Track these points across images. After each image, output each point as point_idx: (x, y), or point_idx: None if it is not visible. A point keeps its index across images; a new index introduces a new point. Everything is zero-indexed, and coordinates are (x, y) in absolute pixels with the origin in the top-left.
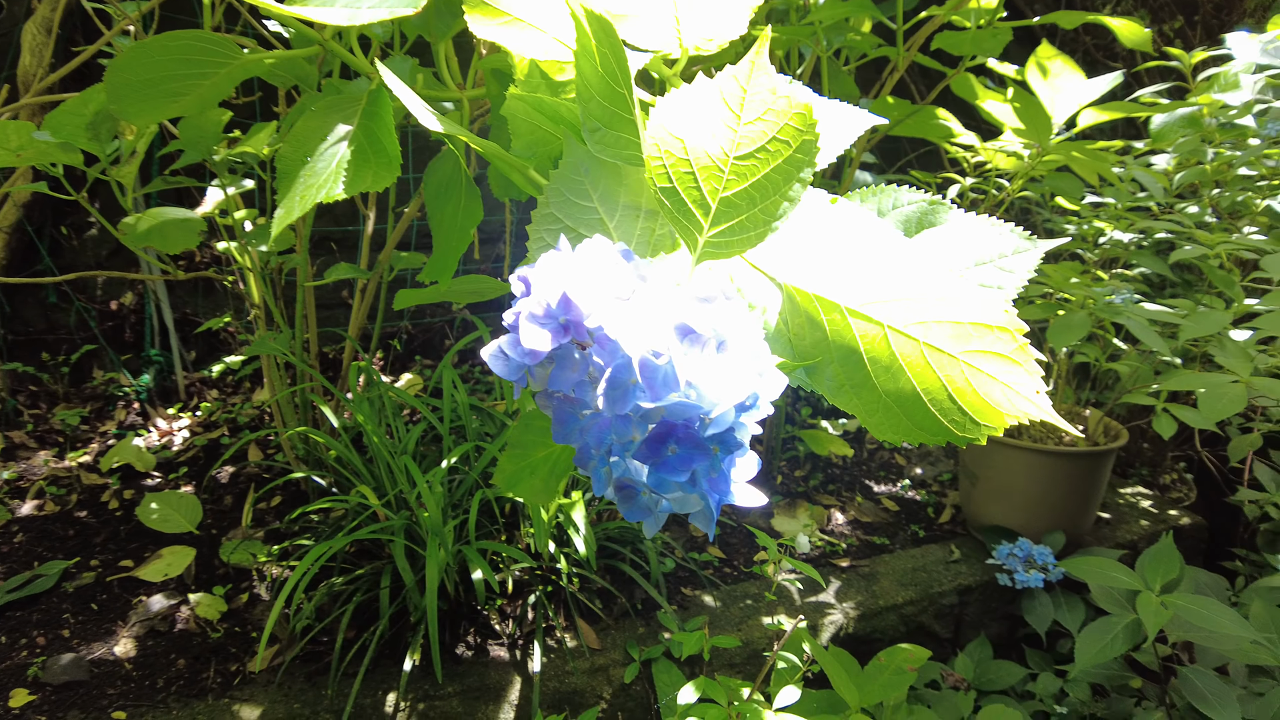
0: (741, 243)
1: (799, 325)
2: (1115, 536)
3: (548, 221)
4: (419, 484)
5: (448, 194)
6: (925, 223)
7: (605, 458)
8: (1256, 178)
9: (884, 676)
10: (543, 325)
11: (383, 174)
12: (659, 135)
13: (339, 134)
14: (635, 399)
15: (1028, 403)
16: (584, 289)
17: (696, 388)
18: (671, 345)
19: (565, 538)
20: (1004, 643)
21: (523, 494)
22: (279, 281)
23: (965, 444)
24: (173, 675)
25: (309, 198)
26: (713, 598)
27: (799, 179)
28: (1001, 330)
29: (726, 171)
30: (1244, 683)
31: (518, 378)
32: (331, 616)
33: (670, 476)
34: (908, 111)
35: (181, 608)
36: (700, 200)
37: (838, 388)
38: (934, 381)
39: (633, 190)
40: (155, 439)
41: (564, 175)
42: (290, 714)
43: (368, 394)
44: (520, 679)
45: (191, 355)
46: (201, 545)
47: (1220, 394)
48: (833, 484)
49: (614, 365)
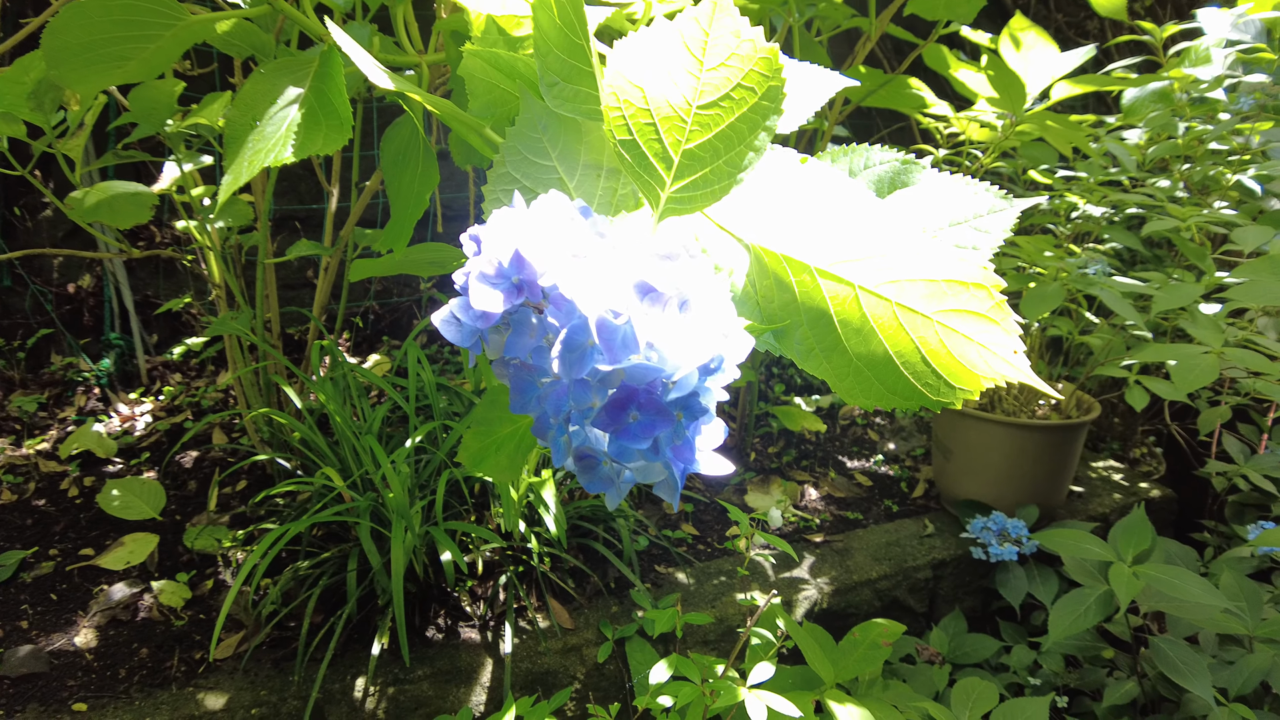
0: (706, 197)
1: (767, 287)
2: (1088, 509)
3: (504, 182)
4: (383, 464)
5: (406, 160)
6: (898, 183)
7: (564, 426)
8: (1227, 152)
9: (859, 652)
10: (494, 285)
11: (334, 136)
12: (617, 84)
13: (289, 96)
14: (592, 362)
15: (1004, 363)
16: (537, 246)
17: (657, 349)
18: (631, 304)
19: (536, 517)
20: (978, 616)
21: (488, 471)
22: (239, 260)
23: (939, 408)
24: (135, 665)
25: (257, 162)
26: (686, 575)
27: (765, 127)
28: (978, 287)
29: (689, 122)
30: (1214, 651)
31: (472, 344)
32: (297, 601)
33: (632, 444)
34: (880, 81)
35: (144, 596)
36: (662, 153)
37: (807, 352)
38: (907, 344)
39: (594, 148)
40: (116, 424)
41: (521, 133)
42: (256, 701)
43: (332, 374)
44: (492, 660)
45: (153, 338)
46: (165, 532)
47: (1192, 365)
48: (806, 460)
49: (569, 326)
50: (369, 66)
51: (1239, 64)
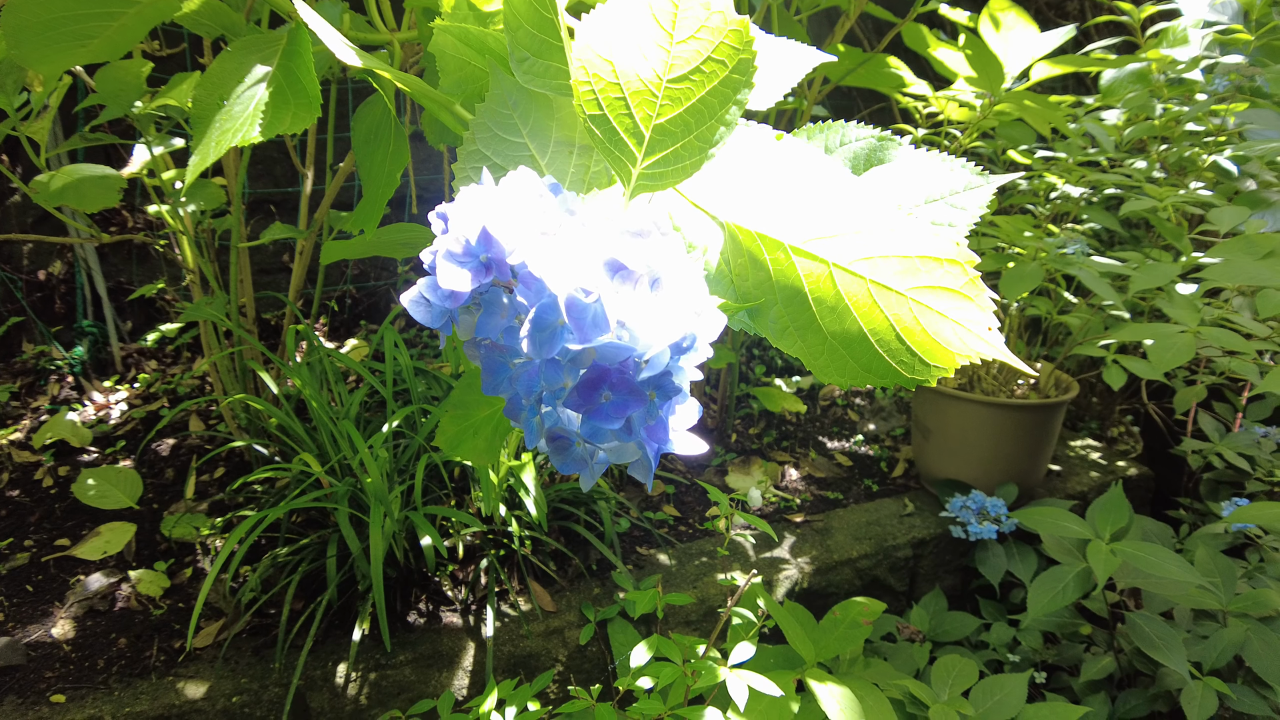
0: (678, 173)
1: (741, 265)
2: (1066, 488)
3: (475, 160)
4: (360, 449)
5: (377, 140)
6: (874, 159)
7: (536, 407)
8: (1204, 133)
9: (839, 630)
10: (461, 264)
11: (302, 115)
12: (586, 57)
13: (257, 75)
14: (562, 341)
15: (979, 340)
16: (505, 223)
17: (629, 328)
18: (601, 282)
19: (517, 500)
20: (958, 594)
21: (465, 455)
22: (213, 245)
23: (914, 386)
24: (114, 655)
25: (224, 142)
26: (668, 556)
27: (735, 101)
28: (951, 263)
29: (660, 96)
30: (1188, 626)
31: (442, 325)
32: (277, 587)
33: (604, 424)
34: (859, 60)
35: (122, 586)
36: (633, 128)
37: (781, 330)
38: (881, 321)
39: (566, 124)
40: (91, 413)
41: (491, 109)
42: (237, 689)
43: (308, 360)
44: (474, 645)
45: (128, 325)
46: (142, 521)
47: (1169, 344)
48: (786, 440)
49: (538, 305)
50: (336, 44)
51: (1216, 45)
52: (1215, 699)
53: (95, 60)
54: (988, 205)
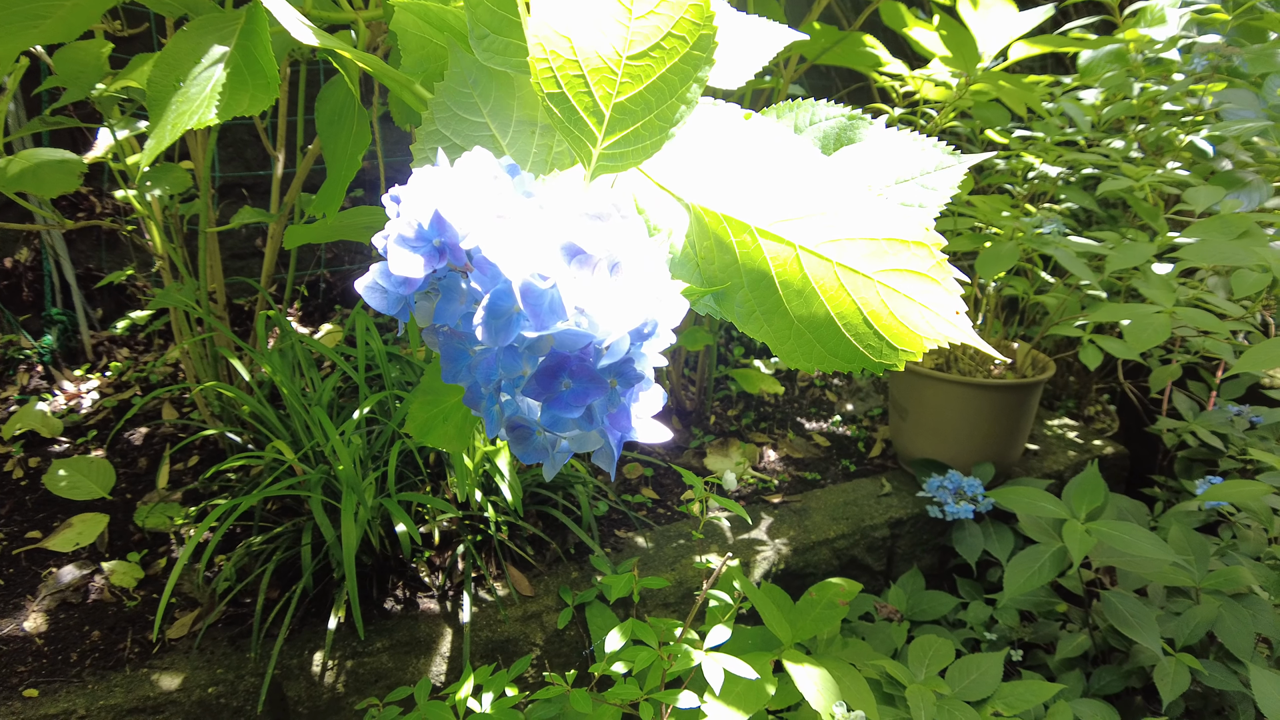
0: (638, 153)
1: (707, 248)
2: (1043, 467)
3: (434, 140)
4: (331, 437)
5: (341, 121)
6: (844, 139)
7: (495, 395)
8: (1181, 113)
9: (816, 611)
10: (414, 249)
11: (260, 96)
12: (543, 33)
13: (214, 55)
14: (518, 328)
15: (947, 324)
16: (459, 206)
17: (587, 314)
18: (558, 267)
19: (493, 485)
20: (935, 573)
21: (435, 442)
22: (182, 230)
23: (882, 370)
24: (87, 648)
25: (180, 124)
26: (646, 539)
27: (696, 78)
28: (918, 245)
29: (620, 73)
30: (1161, 603)
31: (399, 311)
32: (252, 576)
33: (564, 414)
34: (835, 38)
35: (95, 577)
36: (592, 107)
37: (748, 314)
38: (848, 305)
39: (527, 103)
40: (62, 403)
41: (450, 88)
42: (213, 680)
43: (281, 345)
44: (451, 630)
45: (98, 313)
46: (115, 511)
47: (1145, 324)
48: (765, 422)
49: (493, 291)
50: (292, 22)
51: (1194, 24)
52: (1188, 675)
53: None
54: (963, 185)
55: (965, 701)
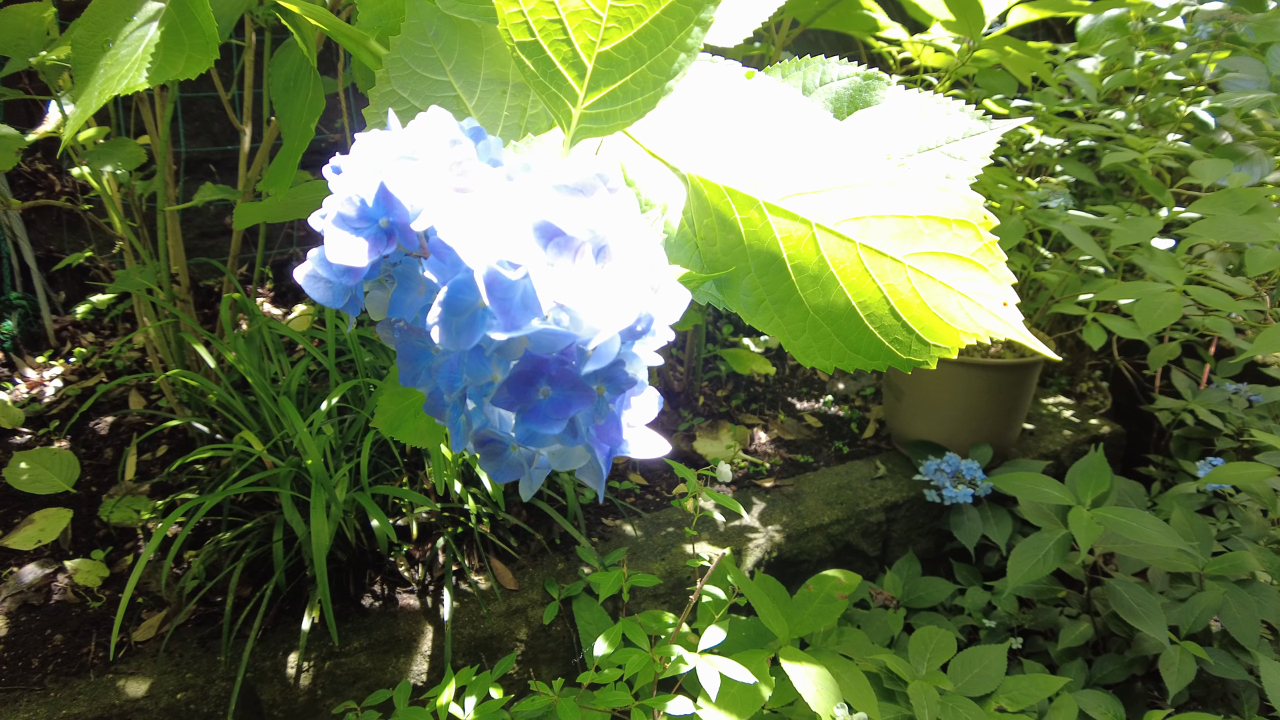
0: (628, 112)
1: (707, 227)
2: (1039, 447)
3: (389, 101)
4: (299, 429)
5: (296, 87)
6: (859, 101)
7: (460, 404)
8: (1184, 83)
9: (813, 605)
10: (356, 230)
11: (198, 57)
12: None
13: (148, 12)
14: (484, 328)
15: (991, 317)
16: (408, 178)
17: (569, 310)
18: (531, 252)
19: (473, 475)
20: (931, 558)
21: (406, 437)
22: (141, 208)
23: (910, 368)
24: (49, 653)
25: (108, 89)
26: (634, 527)
27: (698, 20)
28: (961, 224)
29: (604, 16)
30: (1163, 587)
31: (345, 303)
32: (222, 574)
33: (543, 428)
34: (829, 2)
35: (58, 576)
36: (572, 58)
37: (756, 304)
38: (873, 293)
39: (497, 59)
40: (23, 391)
41: (407, 42)
42: (181, 685)
43: (248, 330)
44: (432, 628)
45: (60, 296)
46: (79, 505)
47: (1155, 304)
48: (755, 403)
49: (451, 282)
50: None
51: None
52: (1194, 665)
53: None
54: (989, 155)
55: (969, 697)
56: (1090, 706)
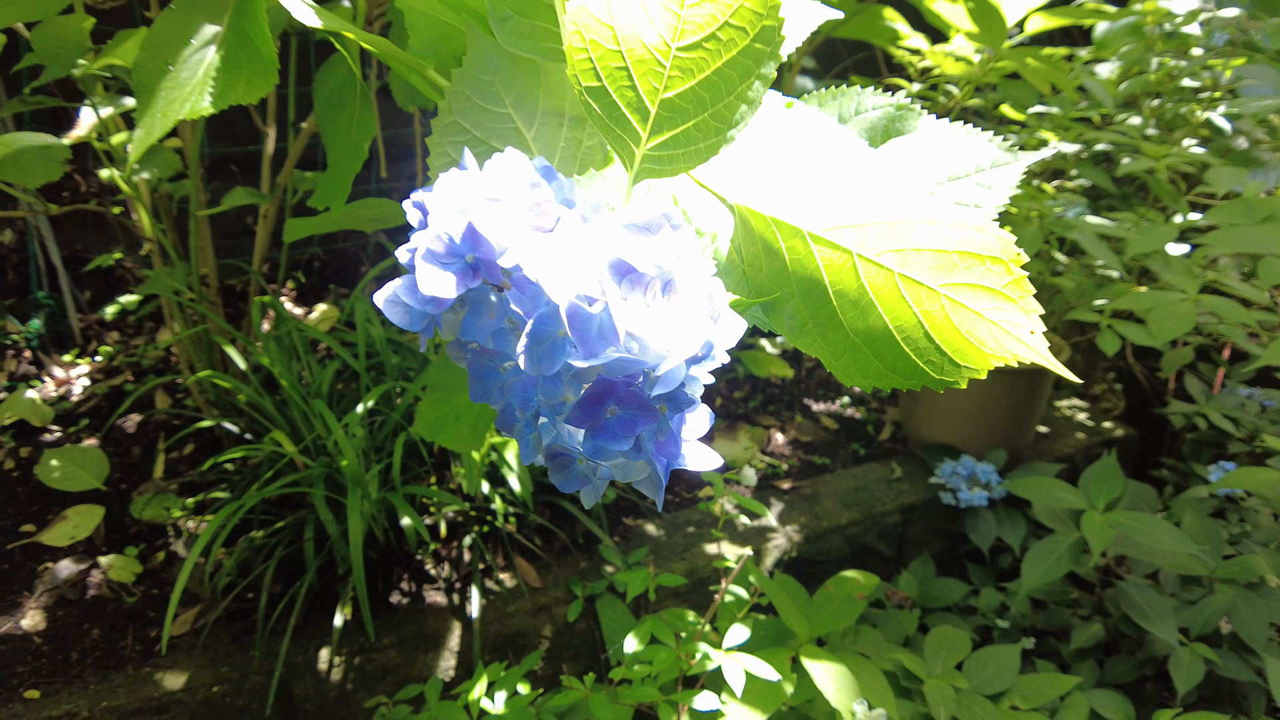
0: (689, 156)
1: (754, 254)
2: (1053, 450)
3: (452, 133)
4: (335, 431)
5: (341, 103)
6: (893, 130)
7: (532, 422)
8: (1200, 89)
9: (833, 606)
10: (445, 266)
11: (257, 82)
12: (582, 20)
13: (205, 36)
14: (564, 356)
15: (1018, 344)
16: (495, 219)
17: (639, 339)
18: (607, 288)
19: (499, 475)
20: (946, 559)
21: (447, 442)
22: (172, 210)
23: (942, 388)
24: (87, 646)
25: (171, 113)
26: (655, 527)
27: (759, 75)
28: (995, 261)
29: (668, 65)
30: (1174, 590)
31: (423, 328)
32: (255, 572)
33: (611, 444)
34: (853, 10)
35: (92, 572)
36: (636, 103)
37: (800, 326)
38: (909, 318)
39: (554, 92)
40: (51, 390)
41: (469, 75)
42: (218, 679)
43: (276, 332)
44: (459, 624)
45: (86, 296)
46: (110, 502)
47: (1170, 313)
48: (772, 404)
49: (536, 315)
50: (294, 2)
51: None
52: (1203, 666)
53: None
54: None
55: (983, 695)
56: (1101, 705)
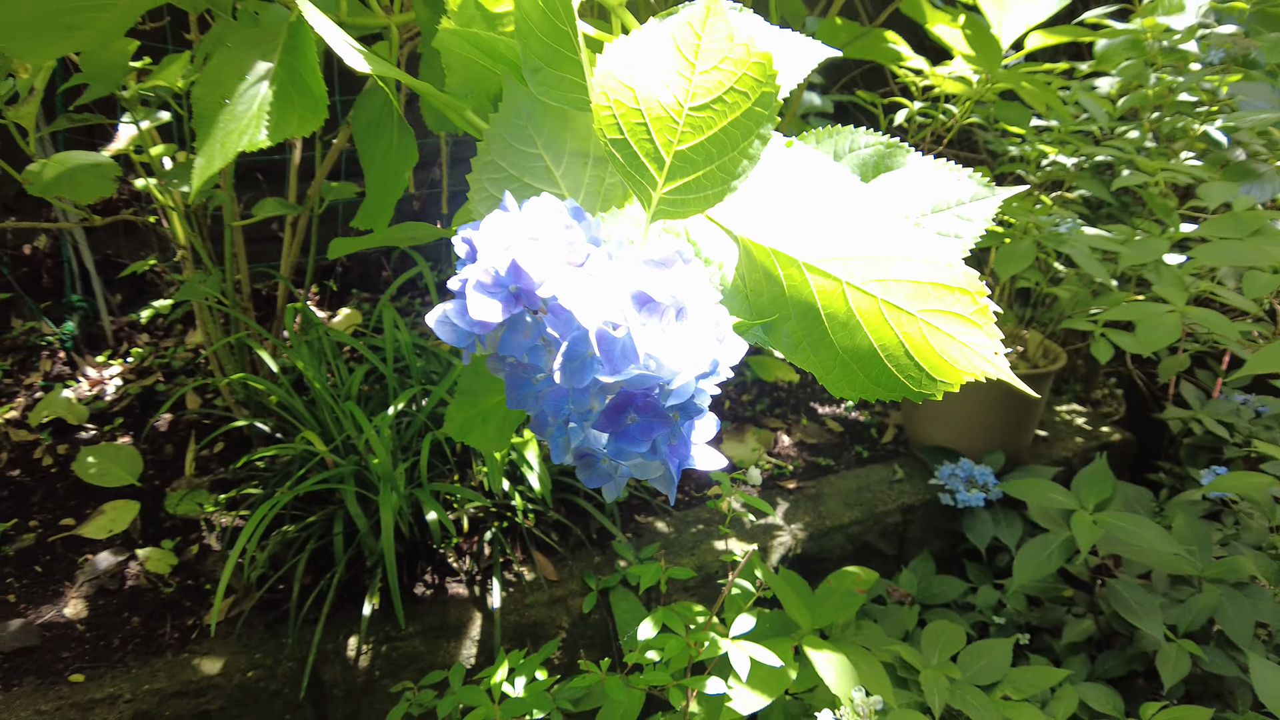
0: (699, 201)
1: (756, 281)
2: (1051, 454)
3: (490, 170)
4: (367, 431)
5: (378, 131)
6: (883, 166)
7: (563, 427)
8: (1196, 103)
9: (834, 599)
10: (492, 295)
11: (309, 116)
12: (607, 83)
13: (258, 72)
14: (593, 372)
15: (985, 362)
16: (534, 256)
17: (656, 358)
18: (629, 315)
19: (518, 474)
20: (945, 558)
21: (475, 442)
22: (205, 219)
23: (921, 399)
24: (128, 633)
25: (230, 144)
26: (665, 524)
27: (759, 135)
28: (963, 292)
29: (681, 122)
30: (1165, 590)
31: (467, 344)
32: (287, 565)
33: (631, 446)
34: (856, 34)
35: (130, 564)
36: (653, 153)
37: (795, 345)
38: (891, 338)
39: (579, 135)
40: (86, 389)
41: (505, 119)
42: (252, 664)
43: (305, 336)
44: (480, 615)
45: (117, 299)
46: (144, 498)
47: (1156, 324)
48: (779, 407)
49: (570, 338)
50: (343, 48)
51: (1211, 12)
52: (1188, 660)
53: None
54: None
55: (976, 685)
56: (1091, 698)
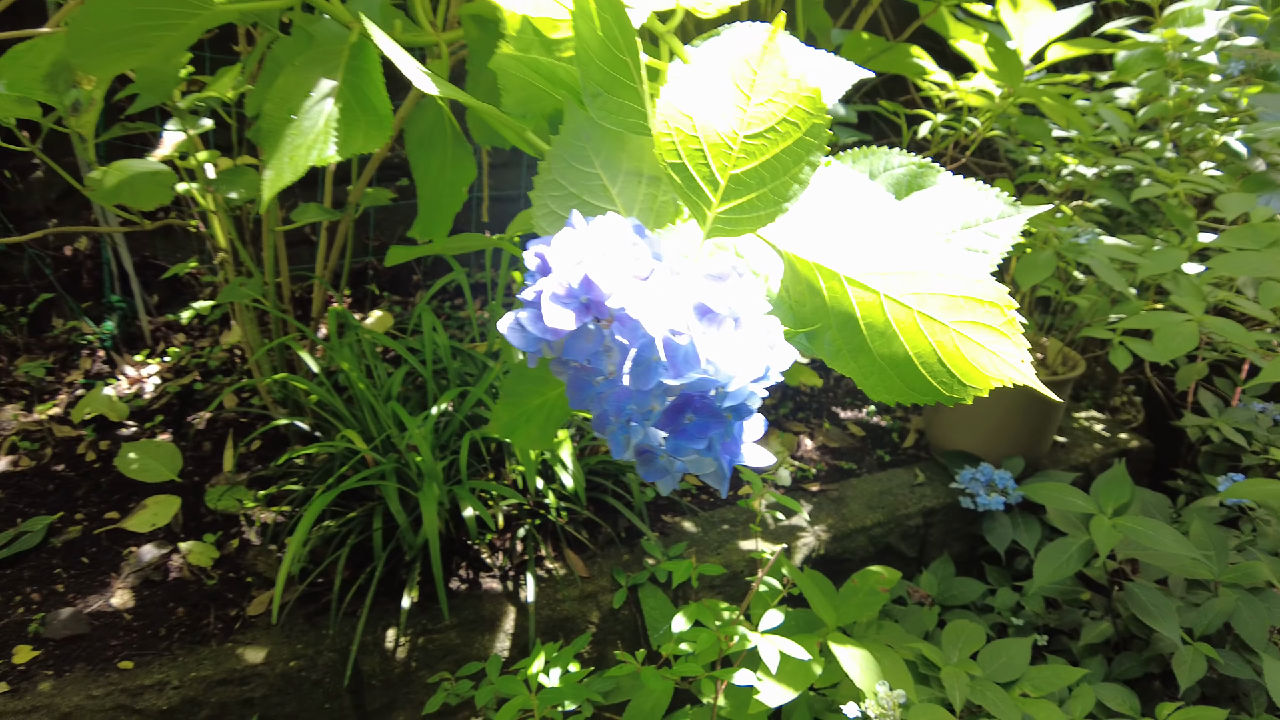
0: (751, 221)
1: (800, 293)
2: (1070, 459)
3: (551, 188)
4: (411, 430)
5: (432, 146)
6: (915, 185)
7: (625, 425)
8: (1216, 114)
9: (858, 597)
10: (565, 305)
11: (374, 134)
12: (668, 113)
13: (323, 90)
14: (659, 376)
15: (1012, 369)
16: (604, 270)
17: (715, 364)
18: (691, 324)
19: (551, 473)
20: (965, 560)
21: (520, 441)
22: (247, 224)
23: (953, 403)
24: (174, 623)
25: (299, 159)
26: (693, 524)
27: (809, 162)
28: (993, 305)
29: (736, 149)
30: (1182, 593)
31: (535, 349)
32: (328, 560)
33: (688, 444)
34: (881, 48)
35: (173, 556)
36: (709, 176)
37: (836, 352)
38: (926, 346)
39: (635, 156)
40: (125, 387)
41: (566, 141)
42: (294, 654)
43: (345, 339)
44: (514, 609)
45: (154, 299)
46: (185, 493)
47: (1174, 333)
48: (802, 412)
49: (639, 345)
50: (411, 70)
51: (1232, 23)
52: (1204, 663)
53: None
54: (1000, 186)
55: (995, 683)
56: (1108, 698)
